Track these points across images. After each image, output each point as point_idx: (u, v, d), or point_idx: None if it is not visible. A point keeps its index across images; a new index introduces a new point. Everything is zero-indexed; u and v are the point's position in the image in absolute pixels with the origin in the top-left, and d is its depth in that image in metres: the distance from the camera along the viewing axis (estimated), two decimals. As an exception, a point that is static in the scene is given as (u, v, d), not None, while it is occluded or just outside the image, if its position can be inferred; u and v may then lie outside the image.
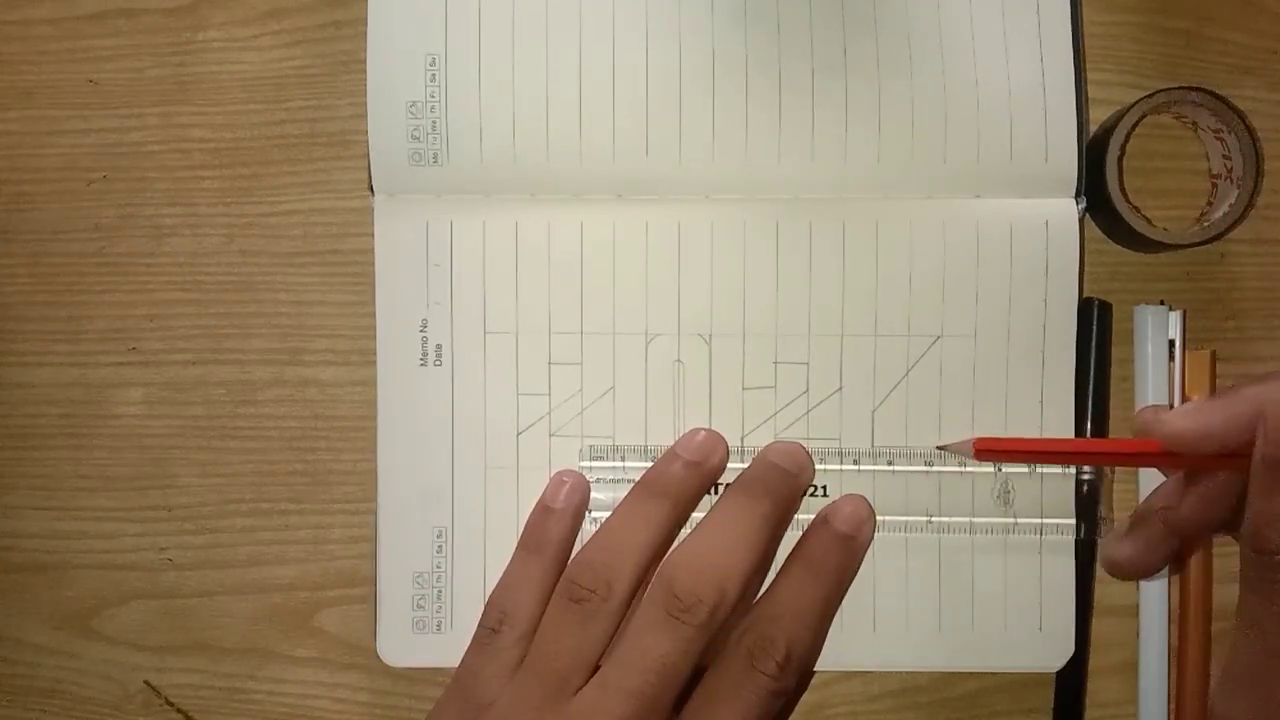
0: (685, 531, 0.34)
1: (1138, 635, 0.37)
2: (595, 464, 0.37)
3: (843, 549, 0.34)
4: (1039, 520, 0.36)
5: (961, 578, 0.37)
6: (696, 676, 0.32)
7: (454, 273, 0.37)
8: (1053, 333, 0.37)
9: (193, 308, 0.39)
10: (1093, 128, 0.38)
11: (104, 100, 0.39)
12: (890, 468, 0.36)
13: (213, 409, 0.39)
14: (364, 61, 0.37)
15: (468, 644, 0.34)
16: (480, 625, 0.34)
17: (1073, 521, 0.36)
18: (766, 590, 0.33)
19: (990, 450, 0.33)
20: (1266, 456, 0.27)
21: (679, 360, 0.37)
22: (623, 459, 0.37)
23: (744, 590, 0.32)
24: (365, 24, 0.37)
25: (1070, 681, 0.37)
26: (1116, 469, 0.37)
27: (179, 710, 0.39)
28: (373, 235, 0.38)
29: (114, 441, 0.39)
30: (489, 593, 0.35)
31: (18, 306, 0.40)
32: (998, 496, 0.36)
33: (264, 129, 0.39)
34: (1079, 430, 0.37)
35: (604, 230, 0.37)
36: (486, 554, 0.37)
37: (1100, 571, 0.37)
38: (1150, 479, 0.37)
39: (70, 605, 0.39)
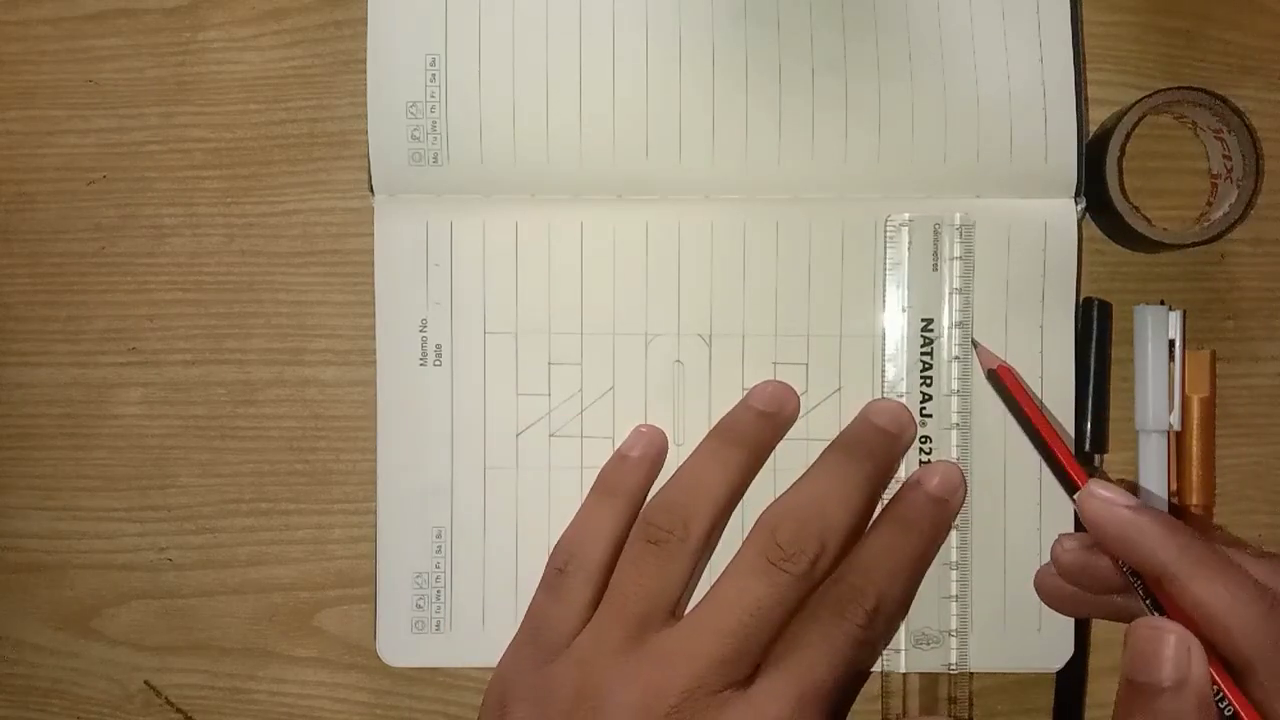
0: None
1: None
2: None
3: (935, 509, 0.35)
4: (1038, 520, 0.36)
5: (961, 578, 0.37)
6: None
7: (454, 273, 0.37)
8: (1052, 333, 0.37)
9: (193, 308, 0.39)
10: (1093, 128, 0.38)
11: (104, 100, 0.39)
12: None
13: (213, 409, 0.39)
14: (364, 61, 0.37)
15: (466, 643, 0.34)
16: (548, 566, 0.34)
17: (1072, 522, 0.36)
18: (858, 545, 0.33)
19: (1001, 380, 0.35)
20: (1130, 681, 0.27)
21: (679, 360, 0.37)
22: None
23: (844, 549, 0.32)
24: (365, 24, 0.37)
25: (1070, 681, 0.37)
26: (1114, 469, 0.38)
27: (179, 710, 0.39)
28: (373, 235, 0.38)
29: (114, 441, 0.39)
30: (489, 592, 0.35)
31: (18, 306, 0.40)
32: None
33: (264, 129, 0.39)
34: (1079, 430, 0.37)
35: (604, 230, 0.37)
36: (486, 554, 0.37)
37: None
38: (1148, 483, 0.37)
39: (70, 605, 0.39)
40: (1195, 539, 0.29)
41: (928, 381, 0.37)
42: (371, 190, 0.38)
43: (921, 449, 0.37)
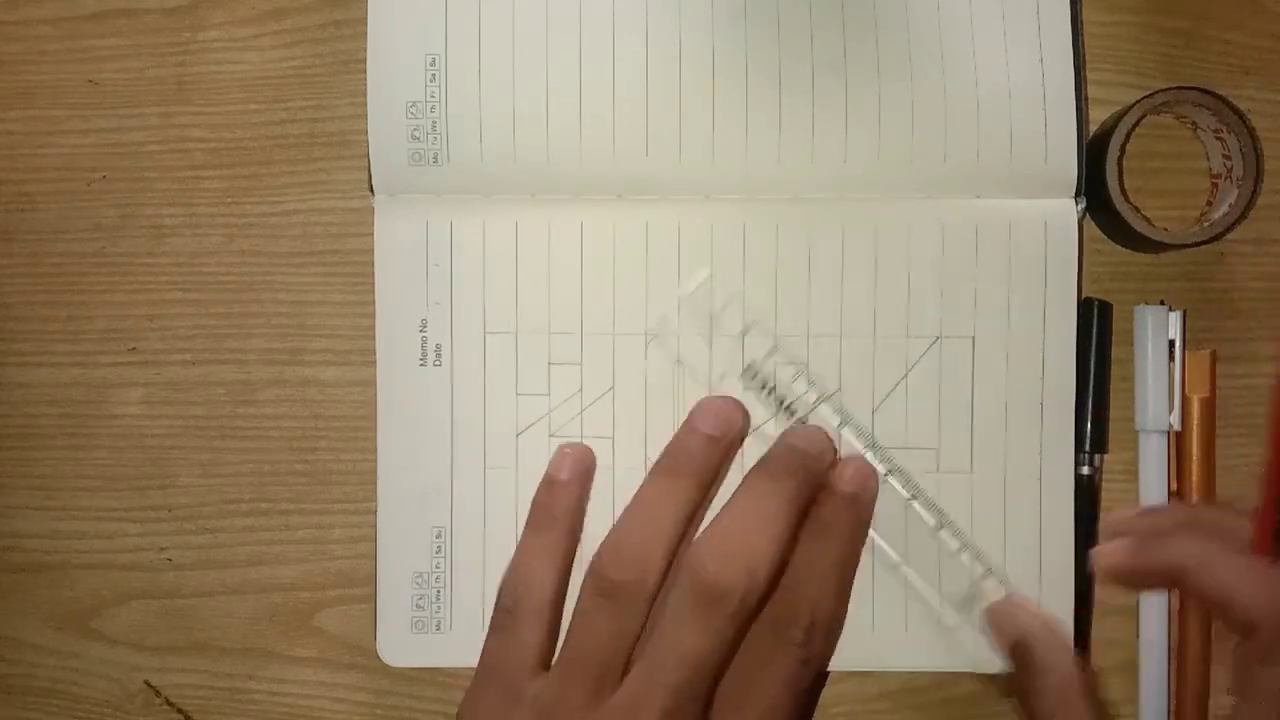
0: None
1: (1137, 635, 0.37)
2: None
3: (849, 508, 0.34)
4: (1038, 519, 0.36)
5: (961, 578, 0.37)
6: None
7: (454, 273, 0.37)
8: (1052, 333, 0.37)
9: (193, 308, 0.39)
10: (1093, 128, 0.38)
11: (104, 100, 0.39)
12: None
13: (213, 409, 0.39)
14: (364, 61, 0.37)
15: (466, 643, 0.34)
16: (496, 607, 0.34)
17: (1071, 521, 0.36)
18: (786, 567, 0.33)
19: None
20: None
21: (679, 360, 0.37)
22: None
23: (772, 574, 0.32)
24: (365, 24, 0.37)
25: (1070, 681, 0.37)
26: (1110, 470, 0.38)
27: (179, 710, 0.39)
28: (373, 235, 0.38)
29: (114, 441, 0.39)
30: (489, 592, 0.35)
31: (18, 306, 0.40)
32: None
33: (264, 129, 0.39)
34: (1079, 430, 0.37)
35: (604, 230, 0.37)
36: (486, 554, 0.37)
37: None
38: (1148, 483, 0.37)
39: (70, 605, 0.39)
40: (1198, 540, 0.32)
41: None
42: (371, 190, 0.38)
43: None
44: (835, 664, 0.37)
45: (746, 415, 0.36)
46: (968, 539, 0.36)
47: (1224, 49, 0.38)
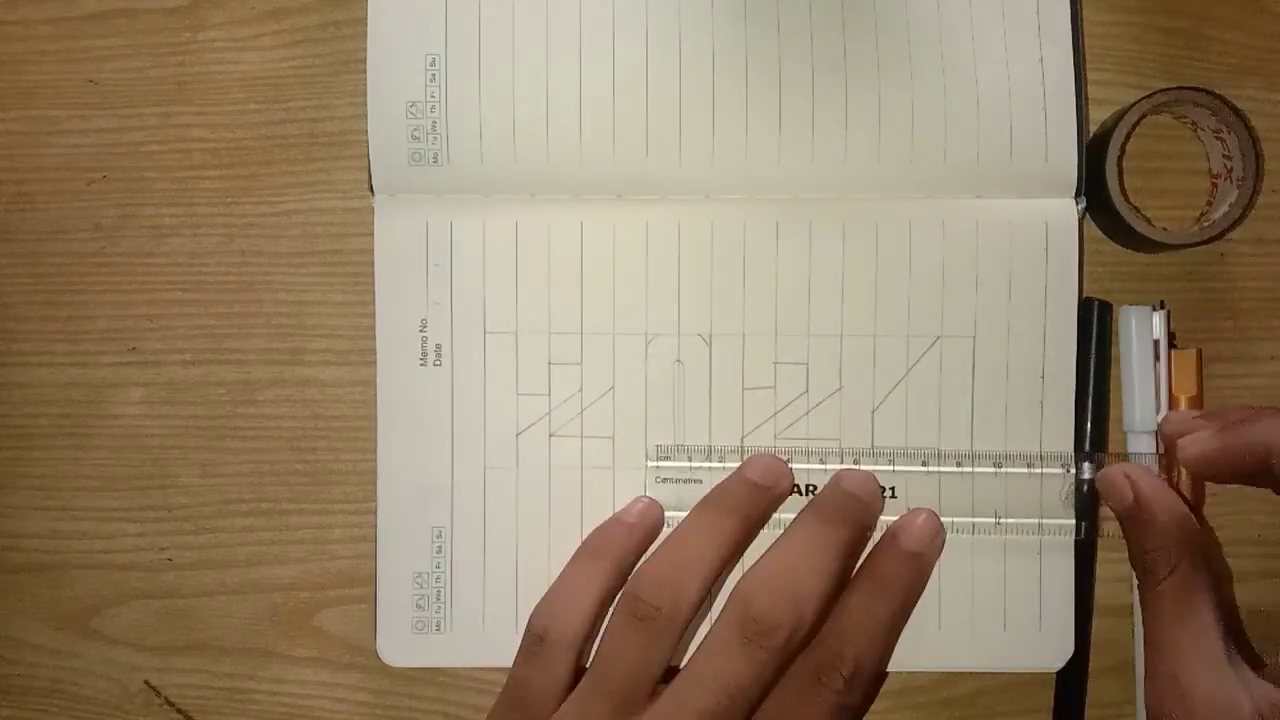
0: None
1: (1135, 635, 0.37)
2: (663, 464, 0.36)
3: (911, 566, 0.34)
4: (1038, 520, 0.36)
5: (961, 578, 0.37)
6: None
7: (454, 273, 0.37)
8: (1052, 333, 0.37)
9: (193, 308, 0.39)
10: (1093, 128, 0.38)
11: (104, 100, 0.39)
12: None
13: (213, 409, 0.39)
14: (364, 61, 0.37)
15: (466, 643, 0.34)
16: (528, 631, 0.33)
17: (1072, 522, 0.36)
18: (835, 610, 0.33)
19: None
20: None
21: (679, 360, 0.37)
22: (689, 459, 0.36)
23: (819, 616, 0.32)
24: (365, 24, 0.37)
25: (1070, 681, 0.37)
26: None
27: (179, 710, 0.39)
28: (373, 235, 0.38)
29: (114, 441, 0.39)
30: (489, 592, 0.35)
31: (18, 306, 0.40)
32: (1065, 499, 0.36)
33: (264, 129, 0.39)
34: (1079, 430, 0.37)
35: (604, 230, 0.37)
36: (486, 554, 0.37)
37: (1100, 571, 0.37)
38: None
39: (70, 605, 0.39)
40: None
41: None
42: (371, 190, 0.38)
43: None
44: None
45: (792, 478, 0.36)
46: (1031, 455, 0.36)
47: (1224, 49, 0.38)
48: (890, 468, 0.36)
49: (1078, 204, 0.37)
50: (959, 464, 0.36)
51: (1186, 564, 0.32)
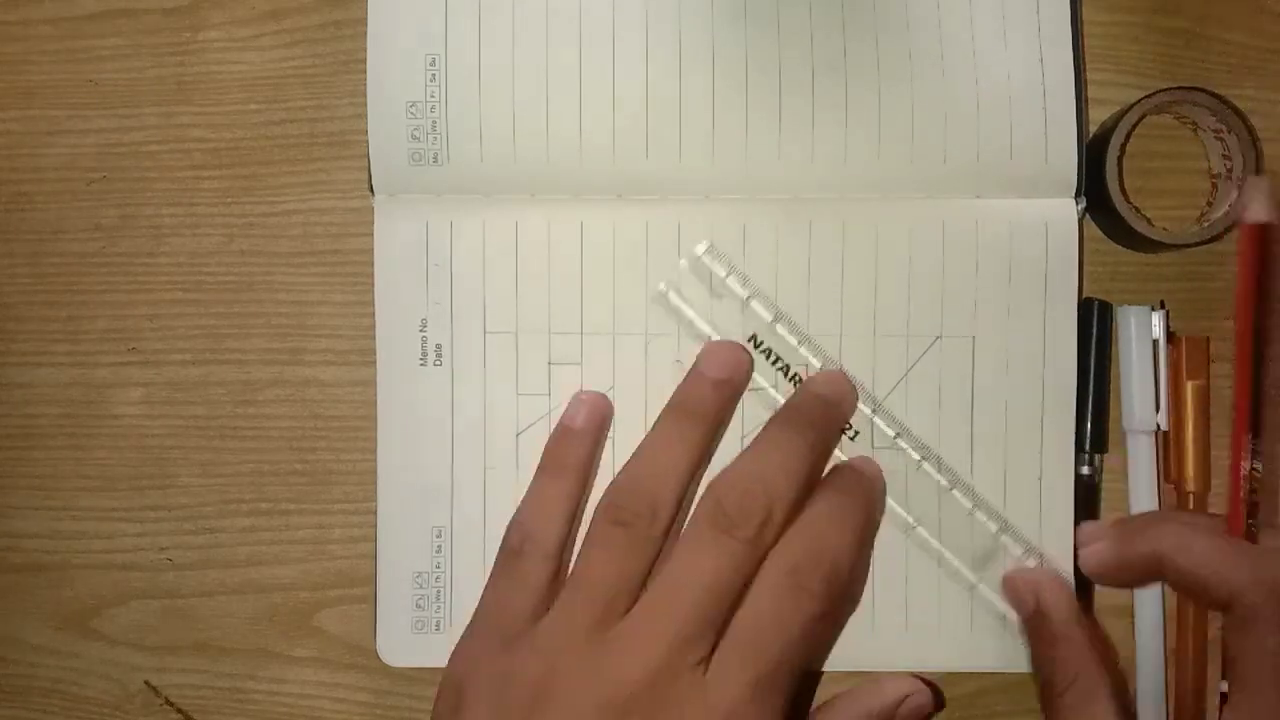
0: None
1: (1134, 636, 0.37)
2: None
3: (857, 476, 0.35)
4: (1038, 520, 0.36)
5: (960, 578, 0.37)
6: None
7: (454, 272, 0.37)
8: (1052, 333, 0.37)
9: (193, 308, 0.39)
10: (1093, 128, 0.38)
11: (104, 100, 0.39)
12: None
13: (213, 409, 0.39)
14: (364, 61, 0.37)
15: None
16: (501, 549, 0.34)
17: (1072, 522, 0.37)
18: (802, 514, 0.33)
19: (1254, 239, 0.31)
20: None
21: (679, 360, 0.37)
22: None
23: (788, 514, 0.32)
24: (365, 24, 0.37)
25: (1070, 681, 0.37)
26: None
27: (179, 710, 0.39)
28: (373, 235, 0.38)
29: (114, 441, 0.39)
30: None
31: (18, 306, 0.40)
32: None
33: (264, 129, 0.39)
34: (1079, 430, 0.37)
35: (604, 230, 0.37)
36: (486, 554, 0.37)
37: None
38: (1138, 483, 0.37)
39: (70, 605, 0.39)
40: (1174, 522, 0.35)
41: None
42: (371, 190, 0.38)
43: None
44: (838, 664, 0.37)
45: (751, 360, 0.36)
46: (979, 498, 0.36)
47: (1224, 49, 0.38)
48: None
49: (1077, 204, 0.37)
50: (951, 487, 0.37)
51: (1083, 678, 0.33)
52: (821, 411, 0.35)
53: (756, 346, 0.36)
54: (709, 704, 0.30)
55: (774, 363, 0.37)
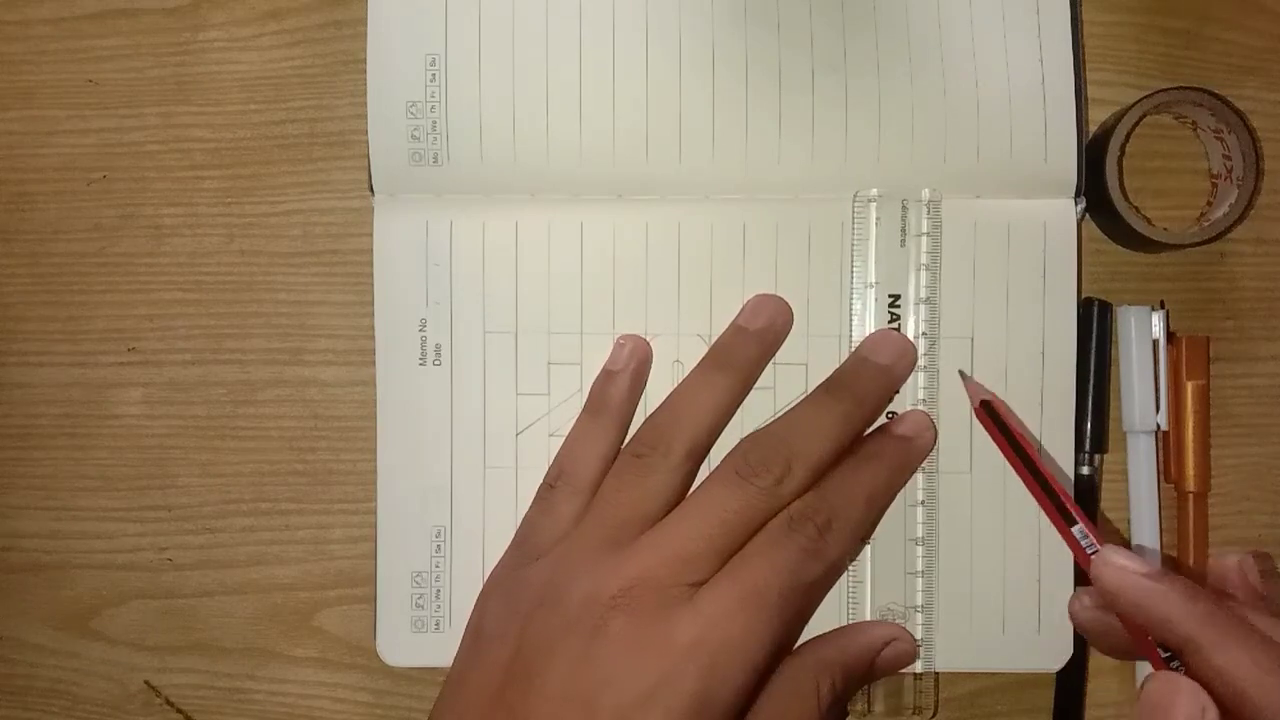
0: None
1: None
2: None
3: (898, 445, 0.36)
4: (1037, 521, 0.36)
5: (960, 578, 0.37)
6: None
7: (453, 272, 0.37)
8: (1052, 333, 0.37)
9: (193, 308, 0.39)
10: (1093, 128, 0.38)
11: (104, 100, 0.39)
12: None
13: (213, 409, 0.39)
14: (364, 61, 0.37)
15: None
16: (542, 484, 0.36)
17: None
18: (824, 476, 0.34)
19: (986, 417, 0.35)
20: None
21: (678, 360, 0.37)
22: None
23: (811, 476, 0.33)
24: (365, 24, 0.37)
25: (1070, 681, 0.37)
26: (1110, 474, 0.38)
27: (179, 710, 0.39)
28: (372, 235, 0.38)
29: (114, 441, 0.39)
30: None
31: (18, 306, 0.40)
32: None
33: (264, 129, 0.39)
34: (1079, 430, 0.37)
35: (604, 230, 0.37)
36: (485, 553, 0.37)
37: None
38: (1138, 482, 0.37)
39: (70, 605, 0.39)
40: (1218, 606, 0.28)
41: None
42: (371, 190, 0.38)
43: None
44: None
45: (790, 313, 0.37)
46: (934, 571, 0.37)
47: (1224, 49, 0.38)
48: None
49: (1077, 204, 0.37)
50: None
51: None
52: (867, 379, 0.36)
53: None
54: (695, 610, 0.31)
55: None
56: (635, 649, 0.30)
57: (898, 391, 0.36)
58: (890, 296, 0.37)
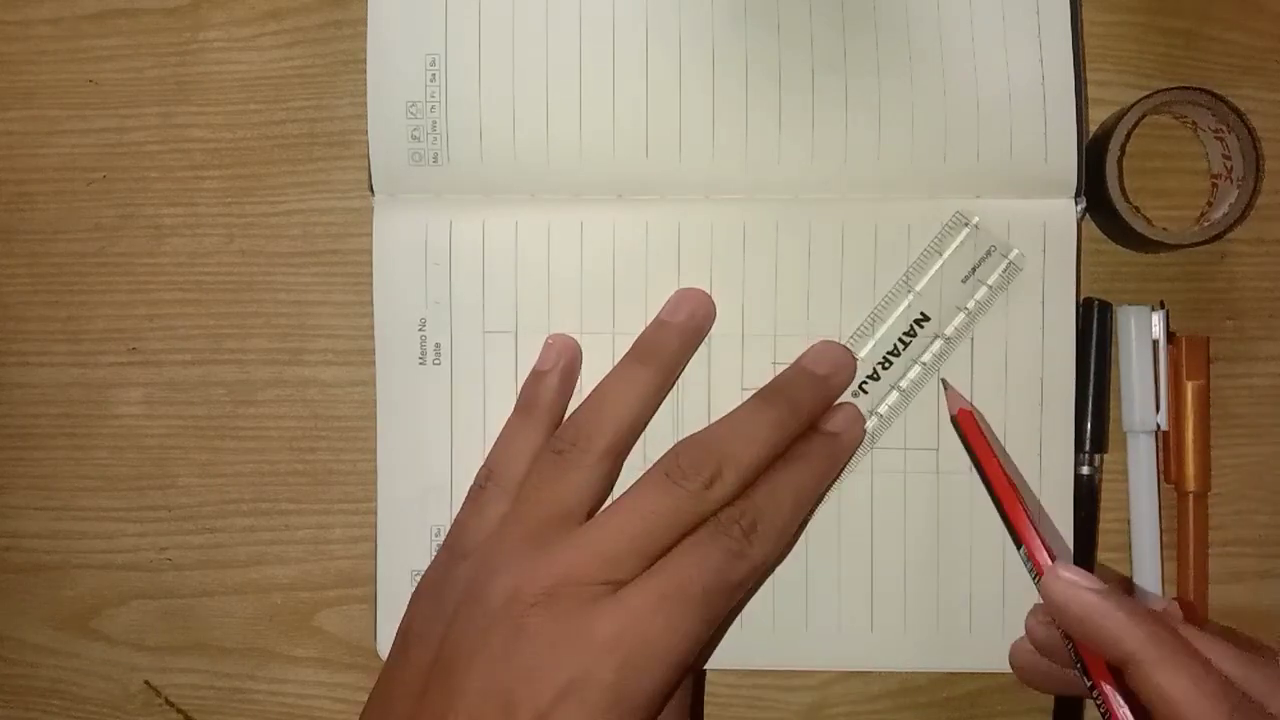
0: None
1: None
2: None
3: (825, 443, 0.36)
4: (1037, 520, 0.36)
5: (959, 578, 0.37)
6: None
7: (453, 272, 0.37)
8: (1052, 333, 0.37)
9: (193, 308, 0.39)
10: (1093, 128, 0.38)
11: (104, 100, 0.39)
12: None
13: (213, 409, 0.39)
14: (364, 61, 0.37)
15: None
16: (472, 485, 0.36)
17: (1072, 522, 0.36)
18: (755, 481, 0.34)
19: (964, 425, 0.35)
20: None
21: (679, 360, 0.37)
22: None
23: (741, 481, 0.33)
24: (365, 24, 0.37)
25: (1070, 681, 0.37)
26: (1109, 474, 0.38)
27: (179, 710, 0.39)
28: (372, 235, 0.37)
29: (114, 441, 0.39)
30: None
31: (18, 306, 0.40)
32: None
33: (264, 129, 0.39)
34: (1079, 430, 0.37)
35: (604, 230, 0.37)
36: (486, 554, 0.37)
37: (1099, 572, 0.37)
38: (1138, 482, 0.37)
39: (70, 605, 0.39)
40: (1163, 626, 0.28)
41: (885, 365, 0.37)
42: (371, 190, 0.38)
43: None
44: (835, 664, 0.37)
45: (711, 306, 0.37)
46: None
47: (1224, 49, 0.38)
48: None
49: (1077, 204, 0.37)
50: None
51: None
52: (802, 387, 0.36)
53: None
54: (616, 606, 0.31)
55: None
56: (554, 644, 0.30)
57: (834, 401, 0.36)
58: (921, 314, 0.37)
